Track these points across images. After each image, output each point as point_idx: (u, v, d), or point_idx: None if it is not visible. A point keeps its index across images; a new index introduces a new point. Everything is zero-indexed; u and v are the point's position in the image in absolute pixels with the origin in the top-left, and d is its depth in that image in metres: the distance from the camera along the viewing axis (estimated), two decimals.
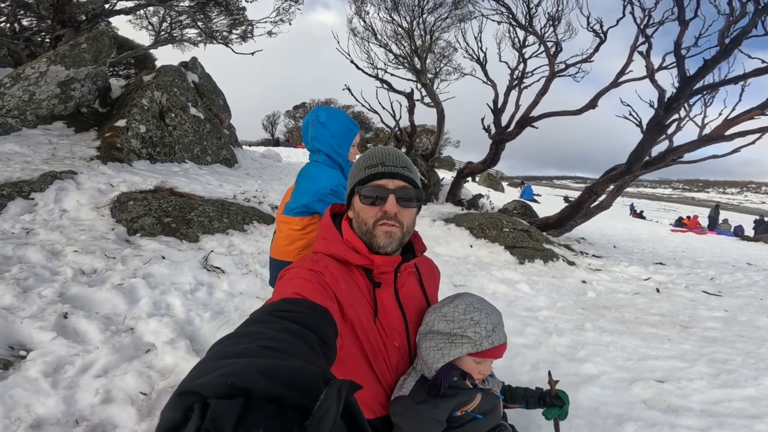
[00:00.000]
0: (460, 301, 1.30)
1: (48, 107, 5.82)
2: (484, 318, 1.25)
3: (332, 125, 1.93)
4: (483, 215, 7.32)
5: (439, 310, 1.31)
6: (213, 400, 0.41)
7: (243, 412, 0.41)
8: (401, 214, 1.20)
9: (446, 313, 1.28)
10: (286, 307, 0.88)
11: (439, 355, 1.24)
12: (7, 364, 1.93)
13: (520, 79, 9.39)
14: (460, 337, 1.24)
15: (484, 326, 1.24)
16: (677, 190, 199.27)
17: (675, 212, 37.37)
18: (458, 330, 1.24)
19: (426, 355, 1.26)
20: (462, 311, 1.26)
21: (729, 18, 6.42)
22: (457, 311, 1.27)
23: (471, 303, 1.30)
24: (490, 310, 1.30)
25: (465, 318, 1.25)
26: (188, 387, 0.44)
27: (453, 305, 1.29)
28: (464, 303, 1.29)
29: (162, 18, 9.37)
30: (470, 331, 1.23)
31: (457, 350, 1.23)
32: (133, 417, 1.77)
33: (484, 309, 1.28)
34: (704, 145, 7.10)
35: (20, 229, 3.38)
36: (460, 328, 1.24)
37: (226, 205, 4.87)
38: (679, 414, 2.27)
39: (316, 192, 1.85)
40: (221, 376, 0.45)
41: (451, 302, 1.31)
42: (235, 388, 0.43)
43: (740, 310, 4.64)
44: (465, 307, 1.27)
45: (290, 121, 39.70)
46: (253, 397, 0.43)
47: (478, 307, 1.28)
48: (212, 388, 0.43)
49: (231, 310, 2.96)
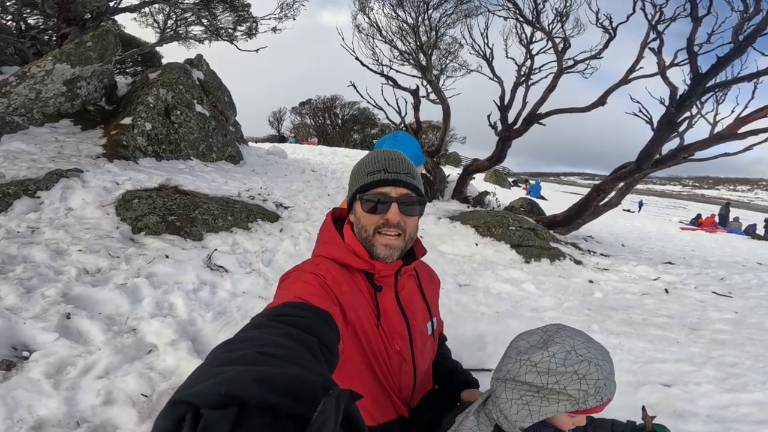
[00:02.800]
0: (558, 348, 1.02)
1: (54, 105, 5.85)
2: (593, 371, 0.98)
3: (405, 148, 2.03)
4: (489, 213, 7.26)
5: (526, 355, 1.05)
6: (205, 410, 0.40)
7: (236, 423, 0.39)
8: (404, 222, 1.18)
9: (538, 363, 1.02)
10: (288, 312, 0.87)
11: (525, 411, 1.02)
12: (10, 365, 1.94)
13: (527, 75, 9.28)
14: (556, 393, 0.99)
15: (593, 383, 0.98)
16: (687, 187, 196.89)
17: (685, 209, 36.89)
18: (555, 386, 0.99)
19: (506, 408, 1.05)
20: (561, 362, 1.00)
21: (743, 15, 6.29)
22: (554, 362, 1.00)
23: (574, 349, 1.02)
24: (602, 358, 1.02)
25: (566, 371, 0.99)
26: (181, 396, 0.43)
27: (548, 353, 1.02)
28: (563, 350, 1.02)
29: (167, 15, 9.39)
30: (572, 389, 0.98)
31: (551, 408, 1.00)
32: (133, 418, 1.77)
33: (594, 359, 1.00)
34: (716, 143, 6.97)
35: (25, 227, 3.40)
36: (558, 383, 0.99)
37: (231, 202, 4.87)
38: (685, 419, 2.24)
39: None
40: (215, 384, 0.44)
41: (544, 347, 1.04)
42: (229, 398, 0.42)
43: (750, 311, 4.56)
44: (566, 356, 1.00)
45: (296, 117, 39.70)
46: (248, 406, 0.42)
47: (584, 356, 1.00)
48: (205, 397, 0.42)
49: (234, 310, 2.96)
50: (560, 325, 1.14)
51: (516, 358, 1.08)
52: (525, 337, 1.14)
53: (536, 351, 1.05)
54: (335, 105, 37.26)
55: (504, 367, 1.10)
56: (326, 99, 37.33)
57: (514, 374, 1.06)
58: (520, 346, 1.11)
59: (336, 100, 36.93)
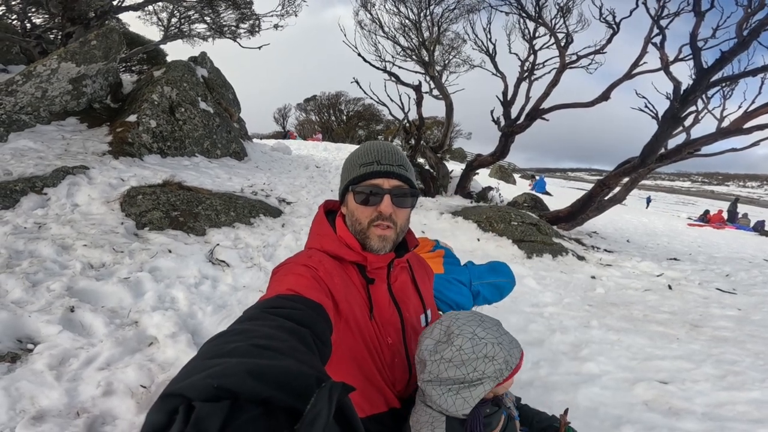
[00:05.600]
0: (461, 339, 1.11)
1: (61, 103, 5.92)
2: (498, 350, 1.09)
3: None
4: (491, 208, 7.25)
5: (438, 354, 1.13)
6: (198, 403, 0.40)
7: (229, 415, 0.39)
8: (396, 214, 1.18)
9: (451, 359, 1.10)
10: (281, 303, 0.87)
11: (461, 400, 1.10)
12: (14, 357, 1.99)
13: (530, 70, 9.22)
14: (478, 378, 1.09)
15: (502, 359, 1.09)
16: (696, 183, 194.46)
17: (693, 205, 36.47)
18: (474, 373, 1.08)
19: (442, 402, 1.12)
20: (470, 350, 1.09)
21: (747, 9, 6.22)
22: (464, 353, 1.09)
23: (475, 335, 1.11)
24: (496, 332, 1.13)
25: (477, 357, 1.09)
26: (173, 389, 0.43)
27: (455, 347, 1.10)
28: (467, 338, 1.11)
29: (171, 13, 9.43)
30: (489, 370, 1.08)
31: (479, 391, 1.09)
32: (132, 409, 1.82)
33: (493, 338, 1.10)
34: (722, 138, 6.90)
35: (32, 223, 3.47)
36: (476, 370, 1.08)
37: (234, 198, 4.92)
38: (680, 417, 2.24)
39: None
40: (207, 377, 0.44)
41: (448, 341, 1.13)
42: (222, 390, 0.42)
43: (754, 308, 4.53)
44: (472, 344, 1.09)
45: (301, 114, 39.68)
46: (240, 399, 0.42)
47: (485, 338, 1.10)
48: (198, 390, 0.42)
49: (234, 304, 3.00)
50: (450, 313, 1.22)
51: (431, 359, 1.14)
52: (428, 335, 1.19)
53: (445, 348, 1.12)
54: (340, 101, 37.20)
55: (425, 369, 1.15)
56: (331, 95, 37.26)
57: (436, 374, 1.12)
58: (428, 345, 1.17)
59: (340, 96, 36.84)
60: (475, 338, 1.10)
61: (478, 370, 1.08)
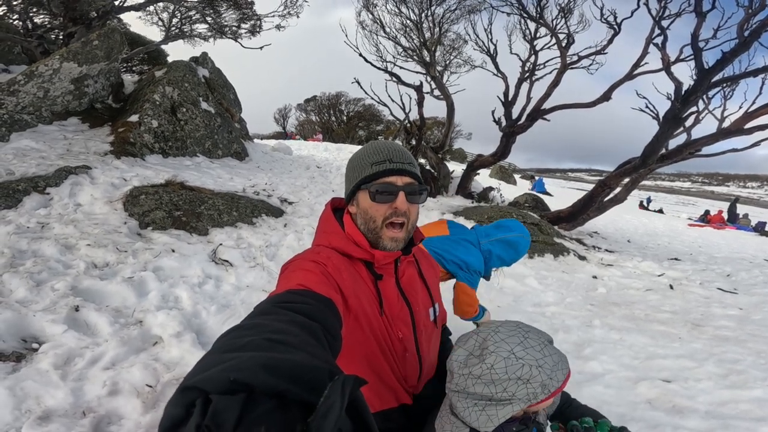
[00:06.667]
0: (494, 358, 1.01)
1: (62, 103, 5.93)
2: (536, 374, 0.98)
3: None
4: (492, 208, 7.26)
5: (467, 369, 1.05)
6: (215, 396, 0.41)
7: (245, 408, 0.40)
8: (408, 210, 1.21)
9: (480, 376, 1.02)
10: (292, 299, 0.89)
11: (485, 417, 1.02)
12: (19, 357, 2.00)
13: (531, 71, 9.24)
14: (507, 399, 0.99)
15: (538, 383, 0.99)
16: (696, 184, 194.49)
17: (694, 206, 36.47)
18: (503, 393, 0.99)
19: (466, 416, 1.05)
20: (503, 371, 0.99)
21: (748, 10, 6.23)
22: (495, 373, 1.00)
23: (512, 353, 1.01)
24: (540, 355, 1.01)
25: (510, 379, 0.99)
26: (191, 382, 0.44)
27: (486, 366, 1.01)
28: (501, 357, 1.00)
29: (172, 13, 9.43)
30: (520, 393, 0.99)
31: (506, 411, 1.00)
32: (138, 409, 1.82)
33: (533, 360, 1.00)
34: (722, 138, 6.91)
35: (35, 223, 3.47)
36: (506, 391, 0.99)
37: (236, 198, 4.93)
38: (683, 415, 2.24)
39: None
40: (224, 370, 0.45)
41: (481, 357, 1.04)
42: (238, 384, 0.43)
43: (755, 308, 4.54)
44: (506, 364, 0.99)
45: (301, 114, 39.68)
46: (256, 392, 0.43)
47: (524, 359, 1.00)
48: (214, 383, 0.43)
49: (237, 304, 3.01)
50: (493, 323, 1.15)
51: (459, 372, 1.08)
52: (462, 344, 1.14)
53: (475, 363, 1.05)
54: (340, 102, 37.20)
55: (453, 379, 1.11)
56: (331, 96, 37.25)
57: (463, 387, 1.07)
58: (459, 357, 1.12)
59: (341, 96, 36.84)
60: (511, 357, 1.01)
61: (508, 391, 1.00)
